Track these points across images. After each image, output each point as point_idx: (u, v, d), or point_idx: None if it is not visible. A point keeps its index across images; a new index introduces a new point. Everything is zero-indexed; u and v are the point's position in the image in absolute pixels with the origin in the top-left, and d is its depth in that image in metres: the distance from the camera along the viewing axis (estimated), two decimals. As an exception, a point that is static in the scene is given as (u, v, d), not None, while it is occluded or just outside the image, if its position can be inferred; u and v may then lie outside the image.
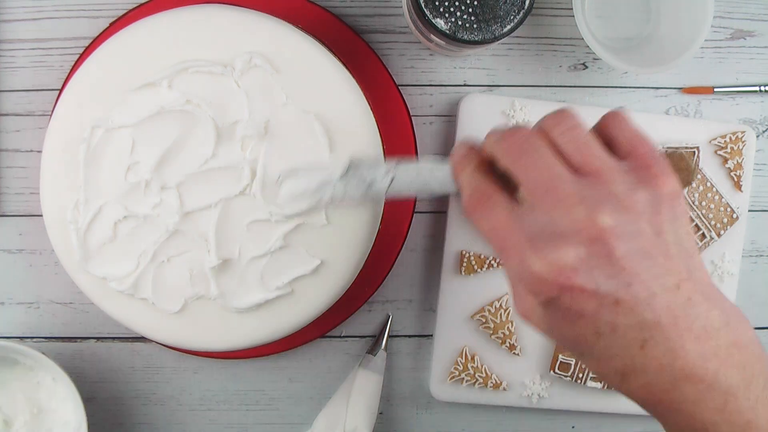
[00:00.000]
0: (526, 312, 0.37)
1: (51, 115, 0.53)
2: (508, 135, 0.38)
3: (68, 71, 0.60)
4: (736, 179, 0.62)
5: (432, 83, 0.63)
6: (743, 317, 0.37)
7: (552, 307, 0.35)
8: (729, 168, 0.62)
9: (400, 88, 0.60)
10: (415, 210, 0.61)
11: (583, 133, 0.37)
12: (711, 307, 0.35)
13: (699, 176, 0.61)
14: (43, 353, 0.58)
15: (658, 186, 0.36)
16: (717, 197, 0.61)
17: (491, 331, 0.62)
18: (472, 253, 0.62)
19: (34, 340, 0.63)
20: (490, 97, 0.61)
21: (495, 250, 0.37)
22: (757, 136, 0.64)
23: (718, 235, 0.61)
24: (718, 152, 0.62)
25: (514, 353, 0.62)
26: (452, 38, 0.51)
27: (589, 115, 0.61)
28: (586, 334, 0.36)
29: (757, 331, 0.65)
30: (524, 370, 0.63)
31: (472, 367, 0.62)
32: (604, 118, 0.39)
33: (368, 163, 0.44)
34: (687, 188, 0.60)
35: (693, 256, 0.36)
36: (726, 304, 0.37)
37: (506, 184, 0.38)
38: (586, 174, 0.36)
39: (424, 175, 0.42)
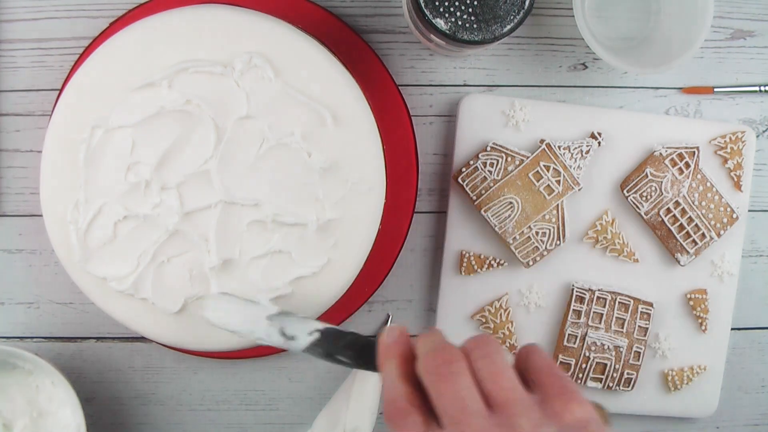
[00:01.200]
0: None
1: (51, 115, 0.52)
2: (434, 353, 0.38)
3: (68, 71, 0.60)
4: (736, 179, 0.62)
5: (432, 83, 0.63)
6: None
7: None
8: (729, 168, 0.62)
9: (400, 88, 0.60)
10: (415, 210, 0.61)
11: (499, 361, 0.37)
12: None
13: (699, 176, 0.61)
14: (40, 356, 0.58)
15: (563, 419, 0.36)
16: (717, 197, 0.61)
17: (491, 331, 0.62)
18: (472, 253, 0.62)
19: (34, 340, 0.63)
20: (490, 97, 0.61)
21: None
22: (757, 136, 0.64)
23: (718, 235, 0.62)
24: (718, 152, 0.62)
25: (514, 353, 0.62)
26: (452, 38, 0.51)
27: (589, 115, 0.61)
28: None
29: (757, 331, 0.66)
30: (524, 370, 0.63)
31: (472, 367, 0.62)
32: (519, 351, 0.40)
33: (296, 318, 0.46)
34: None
35: None
36: None
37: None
38: (496, 406, 0.36)
39: (344, 348, 0.44)
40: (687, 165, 0.61)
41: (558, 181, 0.60)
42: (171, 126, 0.50)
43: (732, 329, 0.64)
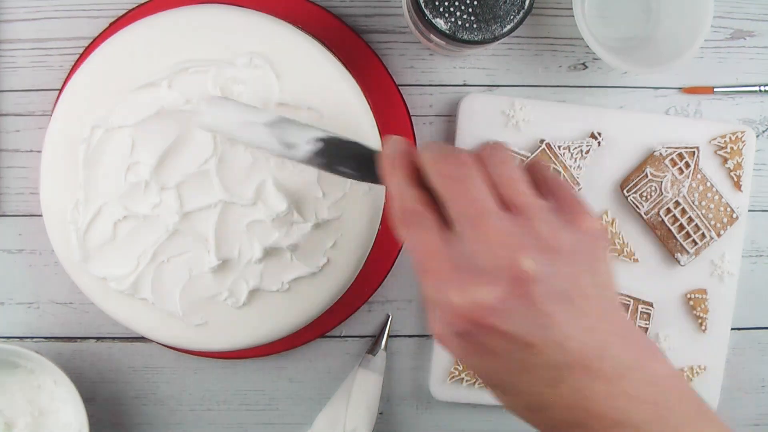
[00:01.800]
0: (441, 337, 0.37)
1: (51, 115, 0.52)
2: (443, 157, 0.37)
3: (68, 71, 0.60)
4: (736, 179, 0.62)
5: (432, 83, 0.63)
6: (658, 354, 0.37)
7: (466, 339, 0.35)
8: (729, 168, 0.62)
9: (400, 88, 0.60)
10: (415, 210, 0.61)
11: (515, 167, 0.37)
12: (625, 348, 0.36)
13: (699, 176, 0.61)
14: (44, 356, 0.58)
15: (580, 226, 0.36)
16: (717, 197, 0.61)
17: (491, 331, 0.62)
18: (472, 253, 0.62)
19: (34, 340, 0.63)
20: (490, 97, 0.61)
21: (416, 268, 0.36)
22: (757, 136, 0.64)
23: (718, 235, 0.61)
24: (718, 152, 0.62)
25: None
26: (452, 38, 0.51)
27: (589, 115, 0.61)
28: (497, 369, 0.36)
29: (757, 331, 0.65)
30: (524, 370, 0.63)
31: (472, 367, 0.62)
32: (527, 164, 0.39)
33: (297, 125, 0.43)
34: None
35: (610, 297, 0.37)
36: (642, 343, 0.37)
37: (436, 198, 0.37)
38: (514, 209, 0.36)
39: (347, 158, 0.41)
40: (687, 165, 0.61)
41: (558, 181, 0.60)
42: (171, 126, 0.50)
43: (732, 329, 0.64)
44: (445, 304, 0.35)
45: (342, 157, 0.42)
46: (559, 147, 0.60)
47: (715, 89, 0.63)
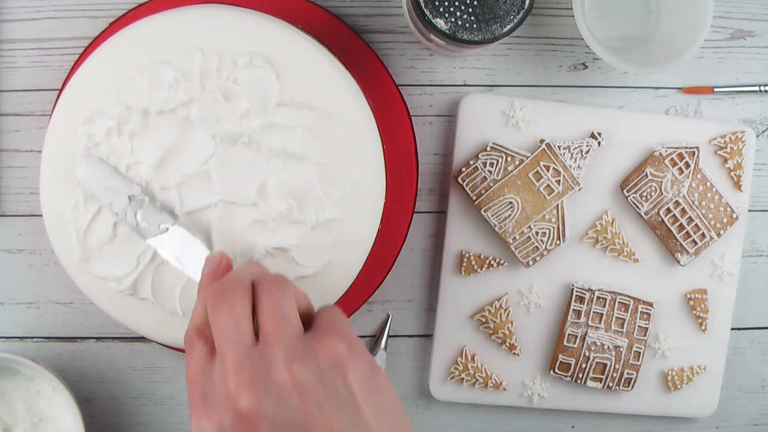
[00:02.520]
0: None
1: (51, 115, 0.52)
2: (217, 284, 0.39)
3: (68, 71, 0.60)
4: (735, 179, 0.62)
5: (432, 83, 0.63)
6: None
7: None
8: (729, 168, 0.62)
9: (400, 88, 0.60)
10: (415, 210, 0.61)
11: (281, 297, 0.38)
12: None
13: (699, 176, 0.61)
14: (41, 362, 0.58)
15: (317, 354, 0.36)
16: (717, 197, 0.61)
17: (491, 331, 0.62)
18: (472, 253, 0.62)
19: (34, 340, 0.63)
20: (490, 97, 0.61)
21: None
22: (757, 136, 0.64)
23: (718, 235, 0.61)
24: (718, 152, 0.62)
25: (514, 353, 0.63)
26: (452, 38, 0.51)
27: (589, 115, 0.61)
28: None
29: (757, 331, 0.66)
30: (524, 370, 0.63)
31: (472, 367, 0.62)
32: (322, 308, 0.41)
33: (153, 208, 0.48)
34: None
35: (362, 415, 0.36)
36: None
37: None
38: (262, 338, 0.37)
39: (188, 252, 0.47)
40: (687, 165, 0.61)
41: (558, 181, 0.60)
42: (171, 126, 0.50)
43: (732, 329, 0.64)
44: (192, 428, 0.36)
45: (184, 252, 0.47)
46: (559, 147, 0.60)
47: (715, 89, 0.63)
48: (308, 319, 0.40)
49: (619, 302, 0.62)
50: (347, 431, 0.35)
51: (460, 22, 0.51)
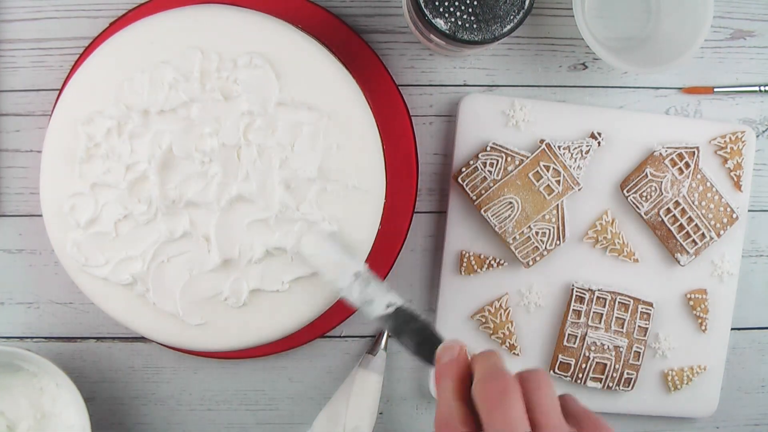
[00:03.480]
0: None
1: (51, 115, 0.52)
2: (490, 378, 0.40)
3: (68, 71, 0.60)
4: (735, 179, 0.62)
5: (432, 83, 0.63)
6: None
7: None
8: (729, 168, 0.62)
9: (400, 88, 0.60)
10: (415, 210, 0.61)
11: (551, 394, 0.40)
12: None
13: (699, 176, 0.61)
14: (44, 357, 0.58)
15: None
16: (717, 197, 0.61)
17: (491, 331, 0.62)
18: (472, 253, 0.62)
19: (34, 340, 0.63)
20: (490, 97, 0.61)
21: None
22: (757, 136, 0.64)
23: (718, 235, 0.61)
24: (718, 152, 0.62)
25: (514, 353, 0.62)
26: (452, 38, 0.51)
27: (589, 115, 0.61)
28: None
29: (757, 331, 0.66)
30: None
31: (472, 367, 0.62)
32: (561, 396, 0.42)
33: (379, 286, 0.48)
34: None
35: None
36: None
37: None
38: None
39: (413, 333, 0.45)
40: (687, 165, 0.61)
41: (558, 181, 0.60)
42: (171, 125, 0.50)
43: (732, 329, 0.64)
44: None
45: (408, 329, 0.46)
46: (559, 147, 0.60)
47: (715, 89, 0.63)
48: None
49: (619, 302, 0.62)
50: None
51: (460, 22, 0.51)
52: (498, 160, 0.60)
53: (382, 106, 0.58)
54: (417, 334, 0.45)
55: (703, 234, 0.61)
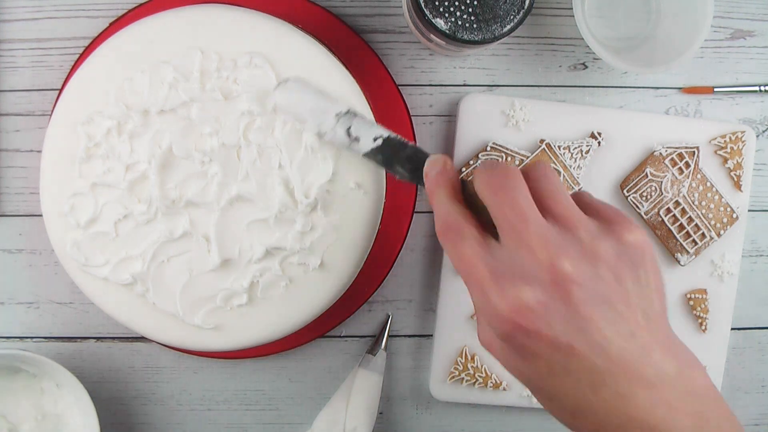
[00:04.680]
0: (487, 342, 0.38)
1: (51, 115, 0.52)
2: (491, 167, 0.39)
3: (68, 71, 0.60)
4: (736, 179, 0.62)
5: (432, 83, 0.63)
6: (698, 365, 0.38)
7: (509, 342, 0.36)
8: (729, 168, 0.62)
9: (400, 88, 0.60)
10: (415, 210, 0.61)
11: (558, 182, 0.39)
12: (665, 356, 0.36)
13: (699, 176, 0.61)
14: (45, 356, 0.58)
15: (622, 235, 0.37)
16: (717, 197, 0.61)
17: (491, 331, 0.62)
18: (472, 253, 0.62)
19: (34, 340, 0.63)
20: (490, 97, 0.61)
21: (462, 279, 0.38)
22: (757, 136, 0.64)
23: (718, 235, 0.61)
24: (718, 152, 0.62)
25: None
26: (452, 38, 0.51)
27: (589, 115, 0.61)
28: (540, 372, 0.37)
29: (757, 331, 0.65)
30: (524, 370, 0.63)
31: (472, 367, 0.62)
32: (573, 194, 0.41)
33: (364, 121, 0.46)
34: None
35: (654, 306, 0.37)
36: (682, 352, 0.37)
37: (477, 213, 0.39)
38: (556, 219, 0.37)
39: (405, 160, 0.44)
40: (687, 165, 0.61)
41: (558, 181, 0.60)
42: (171, 125, 0.50)
43: (732, 329, 0.64)
44: (489, 309, 0.36)
45: (400, 158, 0.45)
46: (559, 147, 0.60)
47: (715, 89, 0.63)
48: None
49: (619, 302, 0.61)
50: (637, 319, 0.36)
51: (460, 22, 0.51)
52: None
53: (382, 106, 0.59)
54: (409, 161, 0.44)
55: (703, 234, 0.61)
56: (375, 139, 0.46)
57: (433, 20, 0.51)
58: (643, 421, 0.35)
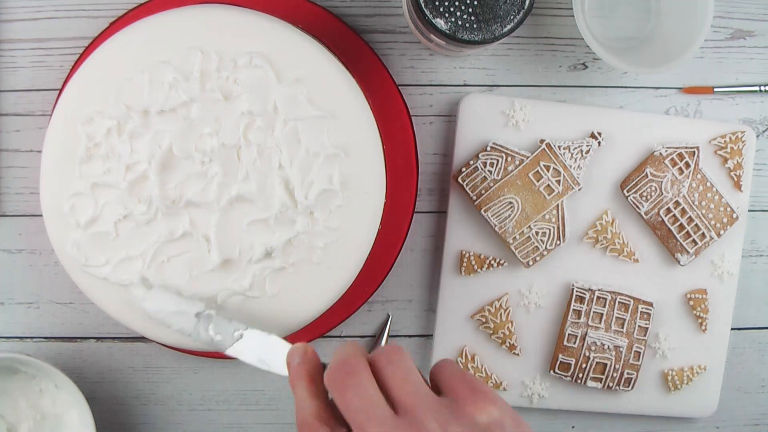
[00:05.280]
0: None
1: (51, 115, 0.52)
2: (336, 367, 0.38)
3: (68, 71, 0.60)
4: (735, 179, 0.62)
5: (432, 83, 0.63)
6: None
7: None
8: (729, 168, 0.62)
9: (400, 88, 0.60)
10: (415, 210, 0.61)
11: (404, 367, 0.37)
12: None
13: (699, 176, 0.61)
14: (44, 360, 0.58)
15: (473, 417, 0.36)
16: (717, 197, 0.61)
17: (491, 331, 0.62)
18: (472, 253, 0.62)
19: (34, 340, 0.63)
20: (490, 97, 0.61)
21: None
22: (757, 136, 0.64)
23: (718, 235, 0.61)
24: (718, 152, 0.62)
25: (514, 353, 0.62)
26: (452, 38, 0.51)
27: (589, 115, 0.62)
28: None
29: (757, 331, 0.66)
30: (524, 370, 0.63)
31: (472, 367, 0.62)
32: (432, 367, 0.40)
33: (222, 318, 0.48)
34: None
35: None
36: None
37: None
38: (403, 410, 0.36)
39: (268, 350, 0.45)
40: (687, 165, 0.61)
41: (558, 181, 0.60)
42: (171, 125, 0.50)
43: (732, 329, 0.64)
44: None
45: (266, 350, 0.46)
46: (559, 147, 0.60)
47: (715, 89, 0.63)
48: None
49: (619, 302, 0.62)
50: None
51: (460, 22, 0.51)
52: (498, 160, 0.60)
53: (382, 106, 0.59)
54: (270, 350, 0.45)
55: (703, 234, 0.61)
56: (234, 332, 0.47)
57: (433, 20, 0.51)
58: None
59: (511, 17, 0.51)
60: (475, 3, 0.51)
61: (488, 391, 0.37)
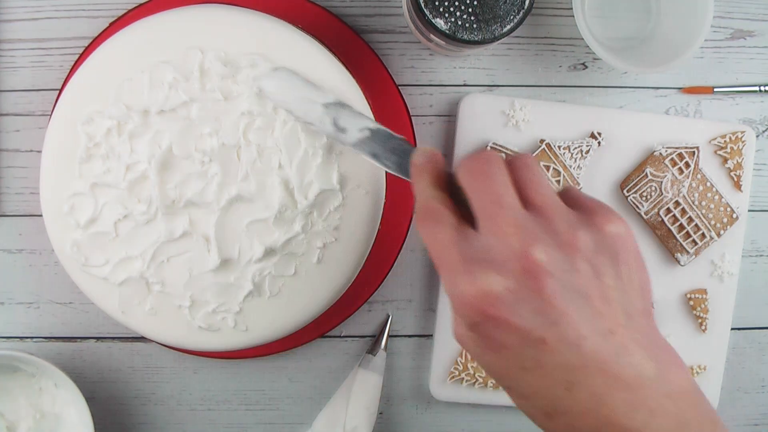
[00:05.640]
0: (458, 334, 0.37)
1: (51, 115, 0.52)
2: (473, 155, 0.38)
3: (68, 71, 0.60)
4: (735, 179, 0.62)
5: (432, 83, 0.63)
6: (681, 366, 0.36)
7: (477, 332, 0.35)
8: (729, 168, 0.62)
9: (400, 88, 0.60)
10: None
11: (539, 172, 0.38)
12: (646, 357, 0.34)
13: (699, 176, 0.61)
14: (44, 358, 0.58)
15: (602, 227, 0.36)
16: (717, 197, 0.61)
17: (491, 331, 0.62)
18: (472, 253, 0.62)
19: (34, 340, 0.63)
20: (490, 97, 0.61)
21: (434, 264, 0.37)
22: (757, 136, 0.64)
23: (718, 235, 0.61)
24: (718, 152, 0.62)
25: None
26: (452, 38, 0.51)
27: (589, 115, 0.62)
28: (510, 367, 0.35)
29: (757, 331, 0.65)
30: (524, 370, 0.63)
31: (472, 367, 0.62)
32: (559, 193, 0.40)
33: (352, 112, 0.46)
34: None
35: (636, 302, 0.36)
36: (664, 353, 0.36)
37: (460, 203, 0.38)
38: (535, 209, 0.36)
39: (390, 152, 0.44)
40: (687, 165, 0.61)
41: (558, 181, 0.60)
42: (171, 125, 0.50)
43: (732, 329, 0.64)
44: (456, 296, 0.35)
45: (387, 149, 0.44)
46: (559, 147, 0.60)
47: (715, 89, 0.63)
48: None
49: (619, 302, 0.61)
50: (617, 316, 0.34)
51: (460, 22, 0.51)
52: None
53: (382, 106, 0.59)
54: (394, 152, 0.44)
55: (703, 234, 0.61)
56: (361, 130, 0.46)
57: (433, 20, 0.51)
58: (619, 424, 0.34)
59: (511, 17, 0.51)
60: (475, 3, 0.51)
61: (616, 212, 0.37)
